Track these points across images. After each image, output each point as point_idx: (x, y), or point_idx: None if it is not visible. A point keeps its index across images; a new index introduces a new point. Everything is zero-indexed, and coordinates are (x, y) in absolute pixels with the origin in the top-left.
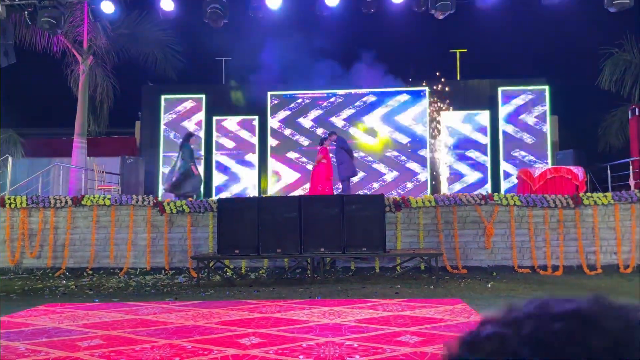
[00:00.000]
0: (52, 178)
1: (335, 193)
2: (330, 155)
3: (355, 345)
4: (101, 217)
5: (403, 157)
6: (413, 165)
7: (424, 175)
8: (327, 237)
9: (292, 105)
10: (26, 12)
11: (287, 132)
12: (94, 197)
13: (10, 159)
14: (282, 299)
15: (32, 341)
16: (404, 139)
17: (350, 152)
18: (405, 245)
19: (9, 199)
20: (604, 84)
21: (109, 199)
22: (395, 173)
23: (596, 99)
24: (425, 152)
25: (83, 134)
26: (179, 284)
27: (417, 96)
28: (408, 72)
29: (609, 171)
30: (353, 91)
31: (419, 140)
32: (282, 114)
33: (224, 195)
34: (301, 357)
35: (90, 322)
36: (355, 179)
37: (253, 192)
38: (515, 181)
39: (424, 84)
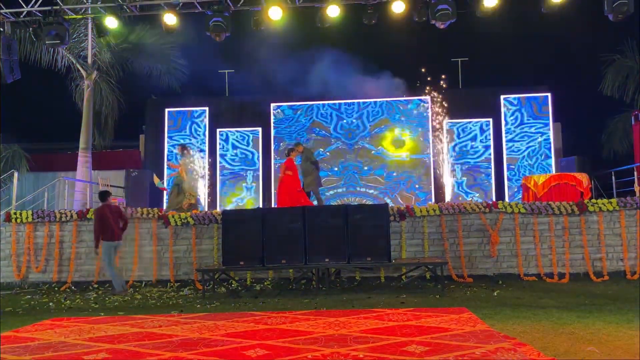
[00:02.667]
0: (57, 192)
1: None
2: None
3: (361, 355)
4: None
5: (406, 166)
6: (416, 174)
7: (428, 184)
8: (332, 248)
9: (295, 116)
10: (31, 29)
11: (290, 143)
12: None
13: (15, 174)
14: (288, 310)
15: (39, 355)
16: (407, 147)
17: (316, 163)
18: (410, 254)
19: (15, 213)
20: (607, 90)
21: None
22: (398, 182)
23: (599, 105)
24: (428, 161)
25: (88, 148)
26: (184, 296)
27: (419, 105)
28: (410, 82)
29: (613, 177)
30: (355, 101)
31: (422, 149)
32: (285, 124)
33: (228, 206)
34: None
35: (96, 335)
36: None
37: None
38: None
39: (426, 93)
